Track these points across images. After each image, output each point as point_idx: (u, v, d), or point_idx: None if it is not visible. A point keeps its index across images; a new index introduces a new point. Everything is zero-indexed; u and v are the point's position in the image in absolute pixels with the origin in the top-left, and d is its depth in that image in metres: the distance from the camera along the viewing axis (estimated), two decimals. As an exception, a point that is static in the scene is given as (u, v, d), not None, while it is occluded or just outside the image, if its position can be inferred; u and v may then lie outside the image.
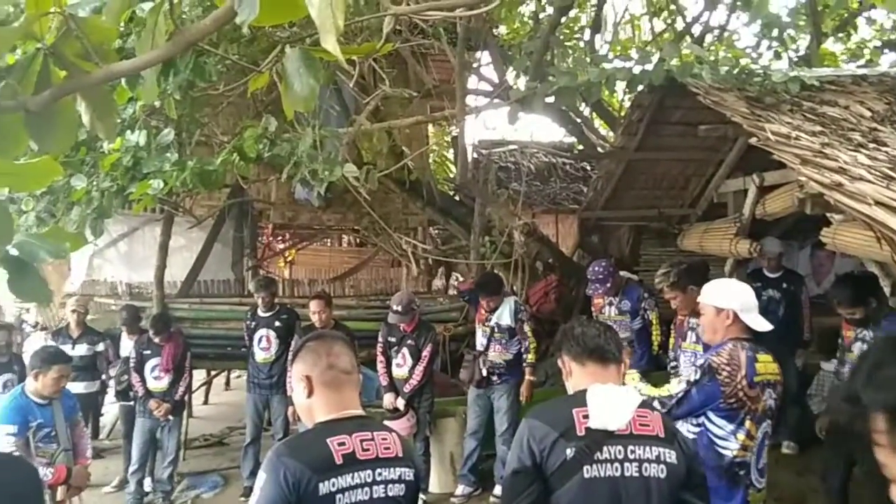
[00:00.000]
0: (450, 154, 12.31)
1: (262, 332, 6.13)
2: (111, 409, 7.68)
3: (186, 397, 6.54)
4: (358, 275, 11.46)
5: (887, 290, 4.38)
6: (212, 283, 8.17)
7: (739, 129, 4.49)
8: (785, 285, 5.83)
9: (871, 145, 4.03)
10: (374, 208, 8.00)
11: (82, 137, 3.47)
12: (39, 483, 1.53)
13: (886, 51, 8.47)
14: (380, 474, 1.94)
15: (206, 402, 9.66)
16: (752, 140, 4.18)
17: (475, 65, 8.12)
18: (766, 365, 3.04)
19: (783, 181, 4.71)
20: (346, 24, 1.27)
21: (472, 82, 8.01)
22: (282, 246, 12.61)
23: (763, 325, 3.10)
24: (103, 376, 6.89)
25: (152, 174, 3.55)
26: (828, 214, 4.05)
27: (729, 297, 3.13)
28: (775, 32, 6.77)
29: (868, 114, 4.60)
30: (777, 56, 7.00)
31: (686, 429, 3.11)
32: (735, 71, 4.68)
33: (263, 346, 6.11)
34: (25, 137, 1.44)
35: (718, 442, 3.03)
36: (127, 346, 6.39)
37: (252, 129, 3.69)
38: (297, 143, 3.71)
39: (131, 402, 6.16)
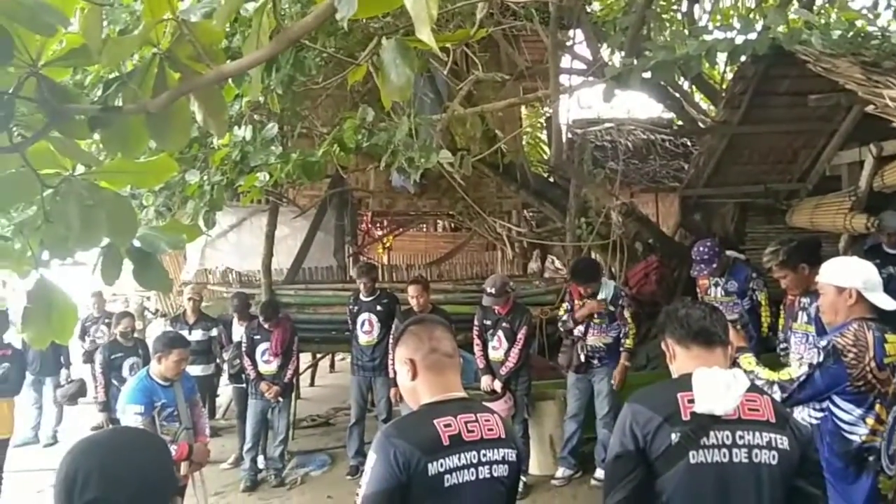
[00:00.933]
0: (544, 135, 12.17)
1: (364, 315, 6.30)
2: (226, 391, 8.12)
3: (294, 380, 6.82)
4: (454, 259, 11.55)
5: None
6: (315, 270, 8.46)
7: (854, 96, 4.21)
8: (906, 261, 5.44)
9: None
10: (469, 193, 8.05)
11: (194, 135, 3.66)
12: (170, 458, 1.66)
13: None
14: (484, 455, 1.97)
15: (312, 384, 10.03)
16: (869, 108, 3.91)
17: (568, 43, 7.96)
18: None
19: (905, 150, 4.40)
20: (438, 12, 1.29)
21: (566, 61, 7.86)
22: (380, 232, 12.88)
23: (889, 303, 2.93)
24: (217, 360, 7.28)
25: (258, 167, 3.72)
26: (957, 185, 3.75)
27: (851, 275, 2.97)
28: (895, -10, 6.27)
29: None
30: (896, 15, 6.49)
31: (808, 414, 2.99)
32: (849, 35, 4.39)
33: (366, 330, 6.28)
34: (146, 137, 1.55)
35: (845, 427, 2.90)
36: (238, 331, 6.73)
37: (351, 120, 3.78)
38: (394, 131, 3.78)
39: (244, 385, 6.49)
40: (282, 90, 3.33)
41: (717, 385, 2.15)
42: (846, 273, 3.00)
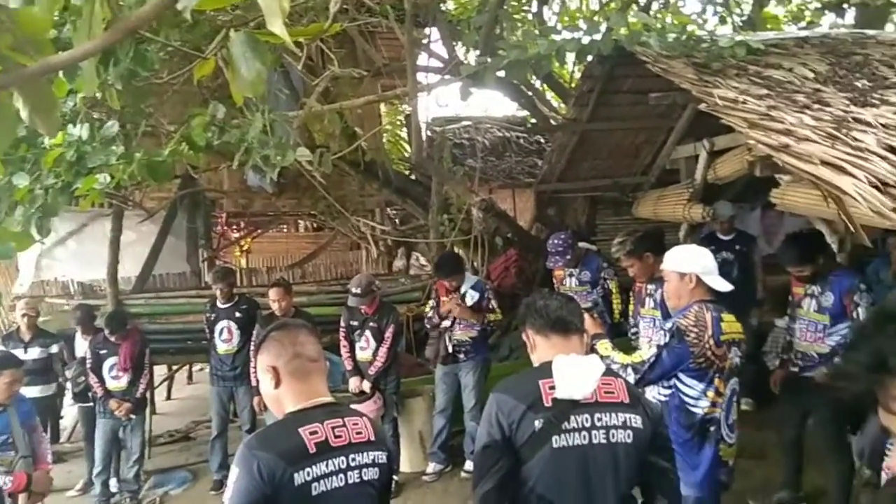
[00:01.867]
0: (404, 133, 12.22)
1: (222, 323, 6.04)
2: (70, 412, 7.50)
3: (148, 394, 6.42)
4: (317, 260, 11.35)
5: (834, 247, 4.51)
6: (167, 277, 8.04)
7: (688, 95, 4.54)
8: (738, 247, 5.97)
9: (816, 106, 4.12)
10: (330, 191, 7.93)
11: (22, 134, 3.33)
12: None
13: (826, 12, 8.66)
14: (353, 459, 1.94)
15: (168, 398, 9.51)
16: (702, 106, 4.24)
17: (424, 41, 8.04)
18: (731, 324, 3.15)
19: (733, 145, 4.79)
20: (291, 6, 1.24)
21: (423, 59, 7.94)
22: (237, 235, 12.41)
23: (724, 285, 3.20)
24: (60, 379, 6.72)
25: (98, 168, 3.44)
26: (776, 176, 4.14)
27: (690, 261, 3.22)
28: (719, -1, 6.86)
29: (811, 75, 4.70)
30: (722, 21, 7.11)
31: (657, 391, 3.20)
32: (683, 38, 4.73)
33: (225, 338, 6.03)
34: (-40, 137, 1.38)
35: (689, 402, 3.14)
36: (82, 346, 6.24)
37: (200, 117, 3.59)
38: (247, 128, 3.63)
39: (90, 404, 6.03)
40: (121, 85, 3.10)
41: (575, 371, 2.25)
42: (686, 260, 3.25)
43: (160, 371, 8.52)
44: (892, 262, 4.78)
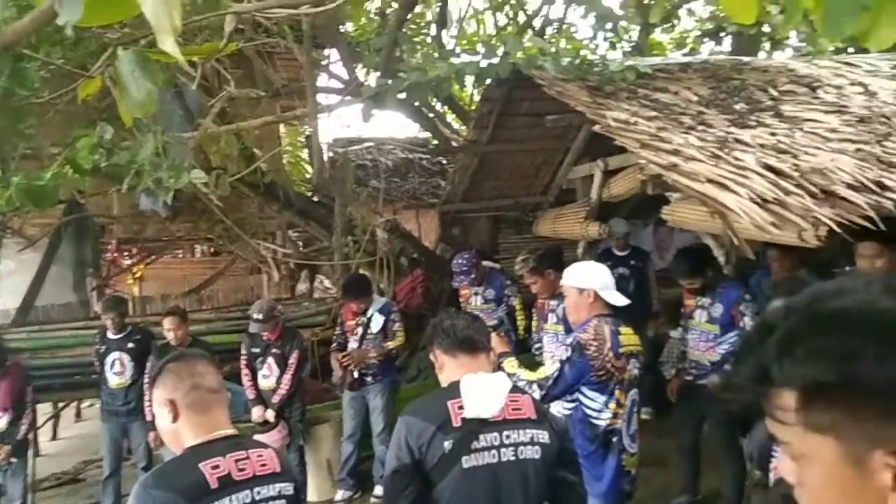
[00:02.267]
0: (305, 154, 12.06)
1: (113, 355, 5.71)
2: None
3: (30, 435, 5.97)
4: (215, 286, 10.95)
5: (721, 260, 4.77)
6: (52, 308, 7.52)
7: (583, 117, 4.72)
8: (633, 262, 6.22)
9: (700, 127, 4.38)
10: (228, 215, 7.68)
11: None
12: None
13: (706, 39, 9.26)
14: (258, 493, 1.87)
15: (54, 438, 8.87)
16: (596, 127, 4.41)
17: (324, 62, 7.99)
18: (629, 337, 3.26)
19: (626, 164, 4.99)
20: (184, 24, 1.20)
21: (323, 80, 7.88)
22: (129, 261, 11.80)
23: (620, 300, 3.32)
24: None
25: (-30, 194, 3.19)
26: (666, 193, 4.36)
27: (588, 277, 3.32)
28: (609, 25, 7.19)
29: (695, 98, 4.99)
30: (612, 46, 7.46)
31: (561, 406, 3.26)
32: (576, 62, 4.91)
33: (117, 371, 5.70)
34: None
35: (592, 414, 3.22)
36: (-45, 386, 5.73)
37: (86, 139, 3.41)
38: (138, 150, 3.47)
39: (-36, 448, 5.54)
40: (-3, 105, 2.90)
41: (483, 390, 2.26)
42: (585, 276, 3.35)
43: (44, 409, 7.94)
44: (773, 273, 5.10)
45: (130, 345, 5.74)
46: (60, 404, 8.55)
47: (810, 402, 0.75)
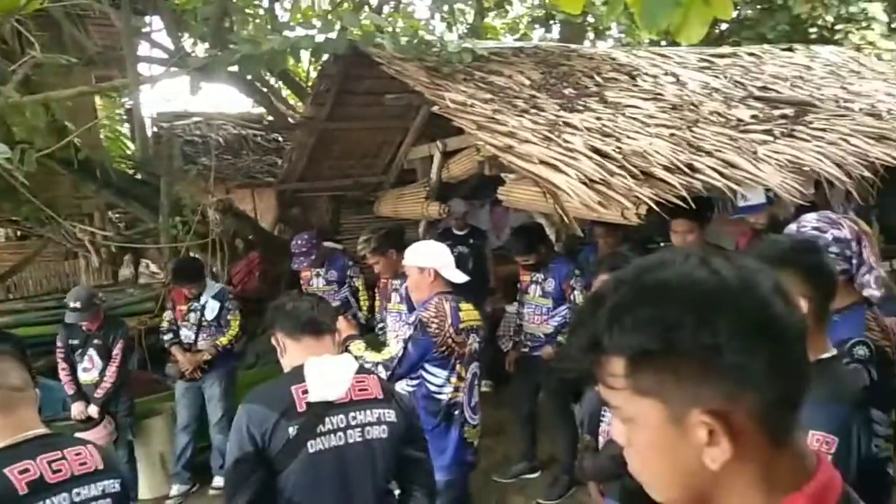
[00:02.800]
0: (126, 129, 11.17)
1: None
2: None
3: None
4: (23, 273, 9.90)
5: (552, 238, 5.02)
6: None
7: (422, 97, 4.74)
8: (471, 241, 6.39)
9: (532, 110, 4.55)
10: (37, 194, 6.92)
11: None
12: None
13: (537, 26, 9.66)
14: (78, 494, 1.73)
15: None
16: (434, 108, 4.45)
17: (145, 30, 7.39)
18: (469, 312, 3.35)
19: (464, 146, 5.09)
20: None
21: (144, 49, 7.30)
22: (-86, 248, 10.36)
23: (460, 277, 3.40)
24: None
25: None
26: (502, 174, 4.50)
27: (429, 257, 3.37)
28: (446, 7, 7.27)
29: (528, 82, 5.18)
30: (449, 28, 7.55)
31: (405, 383, 3.29)
32: (415, 41, 4.91)
33: None
34: None
35: (434, 389, 3.28)
36: None
37: None
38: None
39: None
40: None
41: (328, 372, 2.22)
42: (425, 255, 3.40)
43: None
44: (599, 249, 5.44)
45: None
46: None
47: (637, 368, 0.80)
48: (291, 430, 2.13)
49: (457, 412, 3.34)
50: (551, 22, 9.35)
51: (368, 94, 5.86)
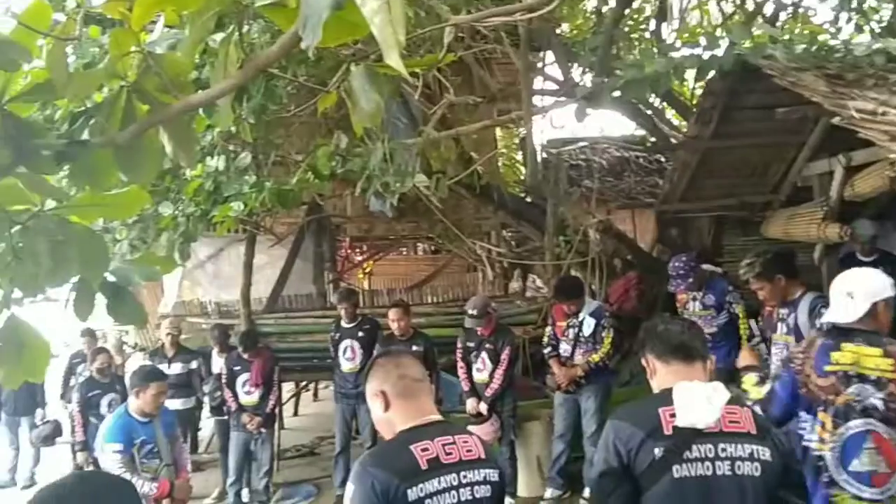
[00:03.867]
0: (519, 156, 12.25)
1: (346, 342, 6.26)
2: (208, 424, 7.99)
3: (277, 410, 6.74)
4: (434, 282, 11.52)
5: None
6: (295, 298, 8.40)
7: (820, 108, 4.29)
8: (882, 269, 5.51)
9: (968, 116, 3.78)
10: (447, 215, 8.06)
11: (167, 166, 3.65)
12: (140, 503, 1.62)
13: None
14: (465, 476, 1.96)
15: (296, 414, 9.92)
16: (835, 119, 3.99)
17: (539, 65, 8.05)
18: (853, 355, 2.88)
19: (872, 160, 4.47)
20: (407, 38, 1.30)
21: (538, 83, 7.95)
22: (360, 258, 12.84)
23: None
24: (198, 393, 7.18)
25: (233, 197, 3.70)
26: (923, 192, 3.83)
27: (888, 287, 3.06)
28: (854, 3, 6.44)
29: (962, 82, 4.31)
30: (859, 29, 6.67)
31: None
32: (812, 48, 4.47)
33: (349, 357, 6.24)
34: (115, 170, 1.53)
35: (804, 434, 2.93)
36: (218, 363, 6.64)
37: (324, 147, 3.80)
38: (369, 157, 3.79)
39: (225, 417, 6.40)
40: (254, 119, 3.33)
41: (697, 399, 2.16)
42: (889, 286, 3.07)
43: (287, 388, 8.91)
44: None
45: (361, 333, 6.26)
46: (301, 384, 9.54)
47: None
48: (657, 452, 2.12)
49: (820, 463, 2.91)
50: None
51: (757, 108, 5.50)
